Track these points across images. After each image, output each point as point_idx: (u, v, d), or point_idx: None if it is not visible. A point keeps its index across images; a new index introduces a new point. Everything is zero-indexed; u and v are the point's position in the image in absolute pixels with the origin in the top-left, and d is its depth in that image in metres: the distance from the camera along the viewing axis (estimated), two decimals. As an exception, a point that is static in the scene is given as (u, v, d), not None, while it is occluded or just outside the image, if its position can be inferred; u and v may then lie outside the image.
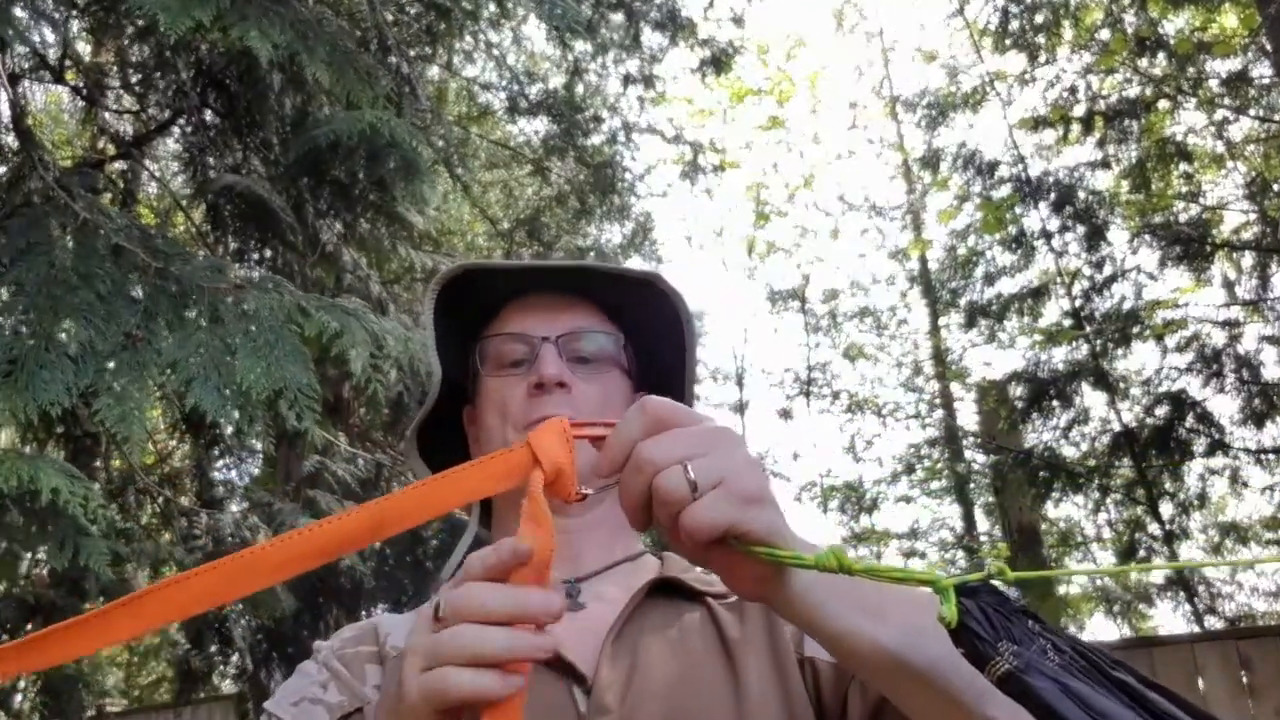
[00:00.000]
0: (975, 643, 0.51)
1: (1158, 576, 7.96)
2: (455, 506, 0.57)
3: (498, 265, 0.94)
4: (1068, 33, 7.68)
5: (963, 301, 8.89)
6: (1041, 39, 7.74)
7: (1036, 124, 7.59)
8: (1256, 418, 6.65)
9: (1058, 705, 0.49)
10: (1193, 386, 6.84)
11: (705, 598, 0.84)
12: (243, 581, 0.52)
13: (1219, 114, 7.12)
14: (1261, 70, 6.81)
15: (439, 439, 0.97)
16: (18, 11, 2.66)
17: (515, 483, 0.56)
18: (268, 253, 3.59)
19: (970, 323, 8.80)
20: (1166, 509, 7.02)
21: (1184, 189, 7.44)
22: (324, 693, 0.80)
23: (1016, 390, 7.61)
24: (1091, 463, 7.38)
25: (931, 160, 8.63)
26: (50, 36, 3.39)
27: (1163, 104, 7.24)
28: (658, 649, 0.79)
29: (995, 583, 0.55)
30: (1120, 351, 7.14)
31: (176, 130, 3.90)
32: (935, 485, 10.34)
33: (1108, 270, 7.42)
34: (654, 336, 0.95)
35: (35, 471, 2.04)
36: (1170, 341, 7.08)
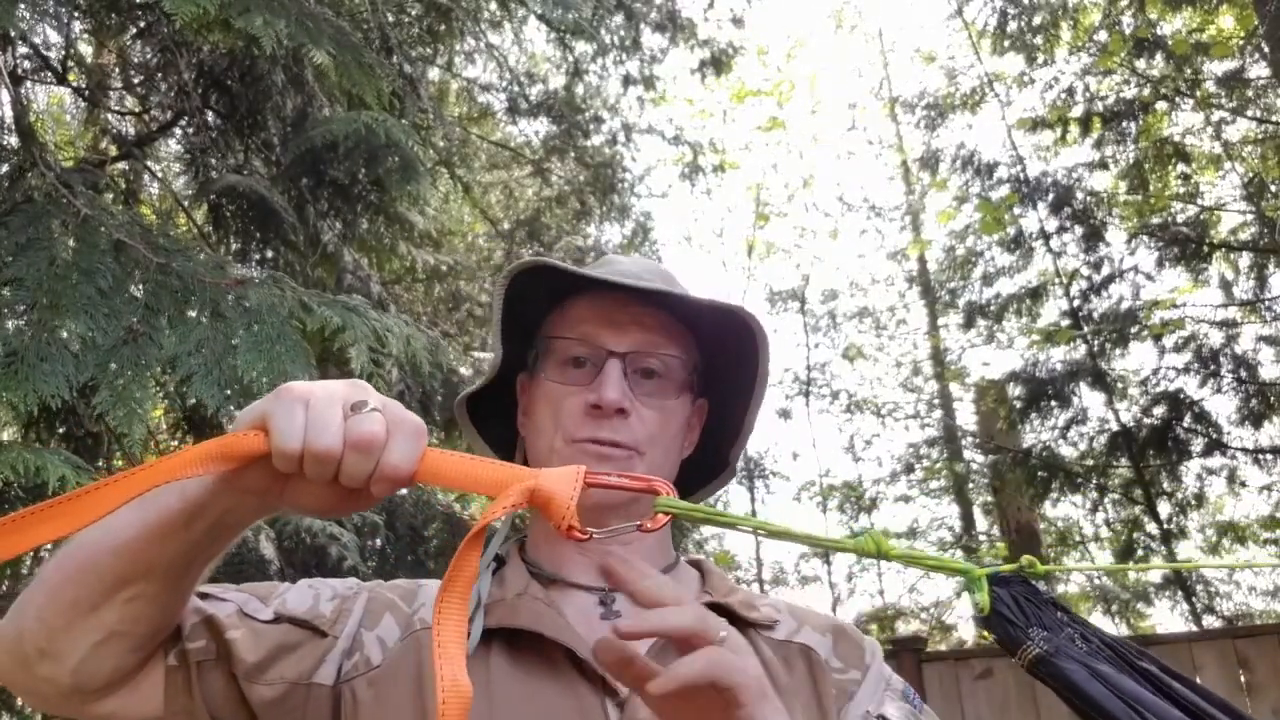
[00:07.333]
0: (1007, 628, 0.54)
1: (1155, 576, 7.98)
2: (463, 489, 0.62)
3: (579, 272, 0.86)
4: (1066, 34, 7.70)
5: (961, 302, 8.91)
6: (1040, 40, 7.76)
7: (1035, 125, 7.60)
8: (1254, 417, 6.67)
9: (1086, 687, 0.51)
10: (1190, 386, 6.87)
11: (750, 629, 0.81)
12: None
13: (1216, 115, 7.15)
14: (1259, 71, 6.83)
15: (490, 402, 0.94)
16: (20, 10, 2.65)
17: (509, 487, 0.58)
18: (269, 253, 3.59)
19: (969, 323, 8.82)
20: (1164, 508, 7.03)
21: (1181, 190, 7.47)
22: (328, 603, 0.80)
23: (1015, 390, 7.62)
24: (1089, 462, 7.39)
25: (930, 161, 8.65)
26: (53, 38, 3.39)
27: (1160, 105, 7.26)
28: None
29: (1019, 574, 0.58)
30: (1118, 351, 7.16)
31: (178, 131, 3.90)
32: (934, 485, 10.36)
33: (1106, 270, 7.44)
34: (721, 344, 0.90)
35: (41, 461, 2.03)
36: (1168, 341, 7.09)
